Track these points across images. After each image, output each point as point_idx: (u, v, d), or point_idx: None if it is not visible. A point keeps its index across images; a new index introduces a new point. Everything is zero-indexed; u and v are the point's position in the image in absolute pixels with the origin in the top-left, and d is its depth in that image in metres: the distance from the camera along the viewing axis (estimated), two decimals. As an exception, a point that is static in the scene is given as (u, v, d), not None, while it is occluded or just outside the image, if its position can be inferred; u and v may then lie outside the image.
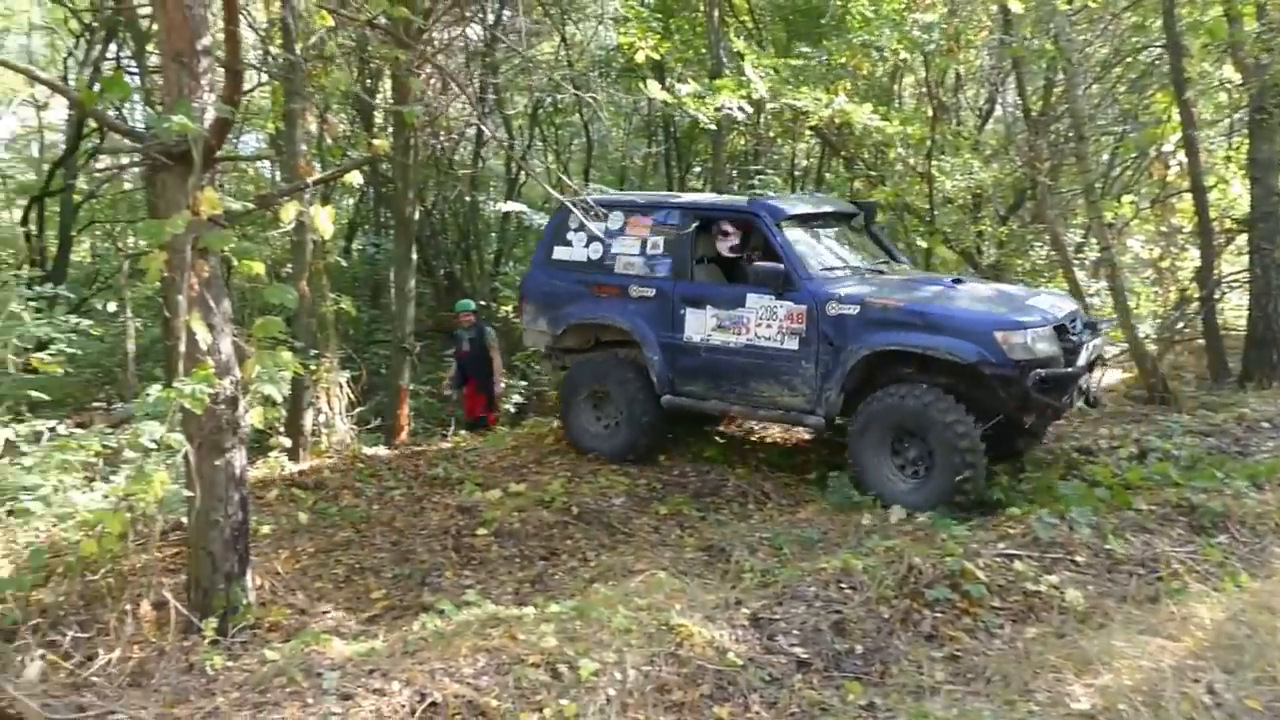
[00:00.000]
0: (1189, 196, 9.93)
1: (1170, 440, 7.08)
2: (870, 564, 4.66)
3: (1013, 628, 4.29)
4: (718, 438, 8.12)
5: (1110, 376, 9.28)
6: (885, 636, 4.19)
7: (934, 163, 11.02)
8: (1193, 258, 9.97)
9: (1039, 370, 6.19)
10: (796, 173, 15.79)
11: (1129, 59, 11.24)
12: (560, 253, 7.80)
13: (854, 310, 6.62)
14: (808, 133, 13.38)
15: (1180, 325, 10.23)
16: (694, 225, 7.37)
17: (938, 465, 6.29)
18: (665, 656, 3.87)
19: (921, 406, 6.32)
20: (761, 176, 11.66)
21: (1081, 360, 6.56)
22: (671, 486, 7.02)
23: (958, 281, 7.34)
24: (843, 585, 4.53)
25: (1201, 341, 9.95)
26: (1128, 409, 8.41)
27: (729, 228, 7.84)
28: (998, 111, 14.16)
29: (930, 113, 11.70)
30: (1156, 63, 10.66)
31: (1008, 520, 5.40)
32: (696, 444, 7.88)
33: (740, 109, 8.67)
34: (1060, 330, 6.50)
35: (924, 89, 12.68)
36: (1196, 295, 9.65)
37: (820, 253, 7.37)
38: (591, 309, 7.64)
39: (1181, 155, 9.69)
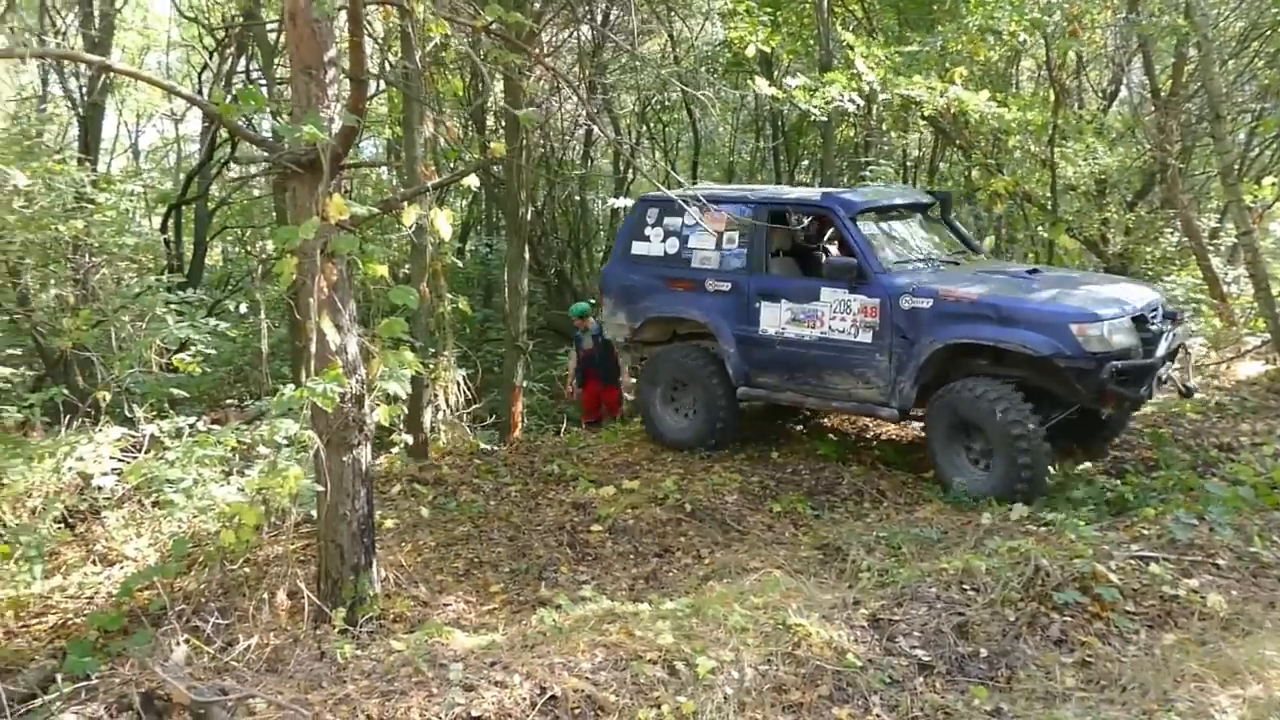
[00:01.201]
0: (1338, 177, 9.30)
1: (1320, 437, 6.66)
2: (994, 565, 4.51)
3: (1149, 634, 4.09)
4: (831, 435, 8.01)
5: (1251, 369, 8.78)
6: (1011, 640, 4.05)
7: (1056, 149, 10.61)
8: (1343, 242, 9.36)
9: (1115, 362, 6.09)
10: (909, 163, 15.43)
11: (1269, 32, 10.62)
12: (638, 248, 7.93)
13: (927, 303, 6.62)
14: (921, 122, 13.05)
15: (1329, 314, 9.57)
16: (770, 219, 7.40)
17: (996, 457, 6.33)
18: (783, 656, 3.83)
19: (977, 400, 6.34)
20: (873, 168, 11.42)
21: (1161, 350, 6.43)
22: (785, 484, 6.96)
23: (1034, 272, 7.18)
24: (965, 586, 4.40)
25: (1353, 331, 9.29)
26: (1271, 404, 7.91)
27: (806, 221, 7.81)
28: (1123, 93, 13.54)
29: (1051, 97, 11.27)
30: (1300, 36, 10.06)
31: (1141, 521, 5.15)
32: (809, 441, 7.80)
33: (851, 101, 8.53)
34: (1139, 321, 6.39)
35: (1044, 72, 12.23)
36: (1348, 282, 9.02)
37: (895, 245, 7.33)
38: (668, 303, 7.75)
39: (1330, 133, 9.10)
